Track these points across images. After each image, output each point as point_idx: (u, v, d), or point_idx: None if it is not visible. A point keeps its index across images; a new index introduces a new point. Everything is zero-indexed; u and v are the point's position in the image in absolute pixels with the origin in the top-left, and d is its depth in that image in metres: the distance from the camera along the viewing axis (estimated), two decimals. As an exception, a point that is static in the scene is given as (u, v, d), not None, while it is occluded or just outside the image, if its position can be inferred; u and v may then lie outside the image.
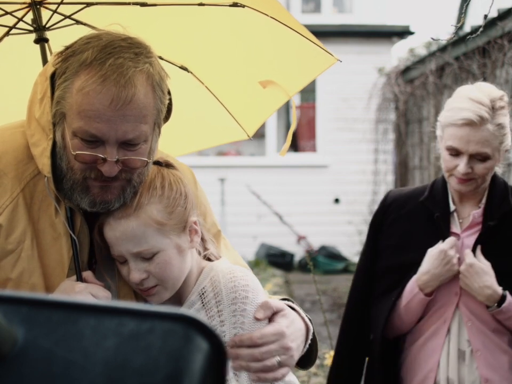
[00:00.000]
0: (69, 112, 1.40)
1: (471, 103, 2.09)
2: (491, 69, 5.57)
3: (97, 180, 1.44)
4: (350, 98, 9.99)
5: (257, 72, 2.12)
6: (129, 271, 1.51)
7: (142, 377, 0.47)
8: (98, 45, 1.39)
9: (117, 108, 1.36)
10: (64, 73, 1.40)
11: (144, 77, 1.40)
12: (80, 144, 1.40)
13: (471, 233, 2.25)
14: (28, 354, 0.48)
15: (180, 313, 0.50)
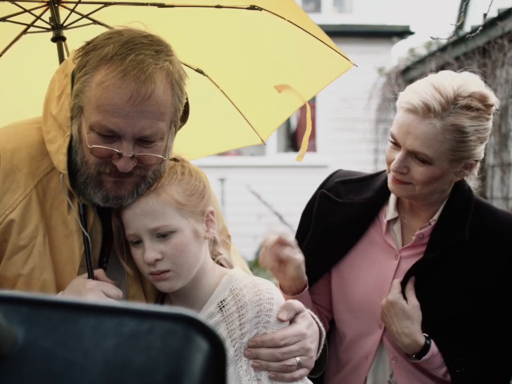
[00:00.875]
0: (87, 106, 1.40)
1: (428, 88, 1.66)
2: (491, 69, 5.57)
3: (111, 175, 1.44)
4: (350, 98, 9.99)
5: (273, 76, 2.11)
6: (143, 252, 1.50)
7: (142, 377, 0.47)
8: (120, 41, 1.39)
9: (135, 104, 1.37)
10: (84, 67, 1.41)
11: (164, 74, 1.40)
12: (96, 138, 1.40)
13: (412, 254, 1.80)
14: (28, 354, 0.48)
15: (180, 313, 0.50)
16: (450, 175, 1.71)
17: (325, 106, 10.23)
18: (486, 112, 1.69)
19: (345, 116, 10.10)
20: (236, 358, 1.53)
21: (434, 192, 1.74)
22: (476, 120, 1.66)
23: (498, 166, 5.54)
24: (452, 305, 1.74)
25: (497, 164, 5.54)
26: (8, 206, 1.46)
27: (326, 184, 1.94)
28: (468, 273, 1.74)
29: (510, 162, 5.51)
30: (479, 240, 1.74)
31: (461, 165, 1.70)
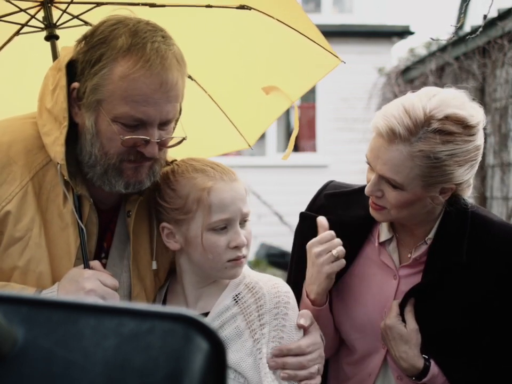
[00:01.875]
0: (109, 99, 1.43)
1: (397, 111, 1.56)
2: (491, 69, 5.57)
3: (133, 162, 1.48)
4: (350, 98, 9.99)
5: (260, 78, 2.09)
6: (229, 237, 1.56)
7: (142, 377, 0.47)
8: (129, 30, 1.43)
9: (165, 91, 1.42)
10: (100, 61, 1.43)
11: (177, 57, 1.47)
12: (121, 129, 1.44)
13: (411, 273, 1.75)
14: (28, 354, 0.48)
15: (180, 313, 0.50)
16: (426, 200, 1.63)
17: (325, 106, 10.23)
18: (465, 134, 1.57)
19: (345, 116, 10.10)
20: (255, 348, 1.56)
21: (415, 216, 1.68)
22: (450, 144, 1.55)
23: (498, 166, 5.55)
24: (452, 325, 1.70)
25: (497, 164, 5.54)
26: (5, 198, 1.47)
27: (317, 199, 1.90)
28: (468, 290, 1.69)
29: (510, 162, 5.51)
30: (477, 257, 1.69)
31: (437, 189, 1.61)
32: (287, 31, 1.91)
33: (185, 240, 1.59)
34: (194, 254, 1.59)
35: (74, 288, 1.43)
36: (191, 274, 1.63)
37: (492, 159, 5.70)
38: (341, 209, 1.80)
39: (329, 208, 1.81)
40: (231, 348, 1.55)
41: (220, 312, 1.59)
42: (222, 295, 1.61)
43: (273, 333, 1.57)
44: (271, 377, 1.54)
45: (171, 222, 1.59)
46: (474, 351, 1.70)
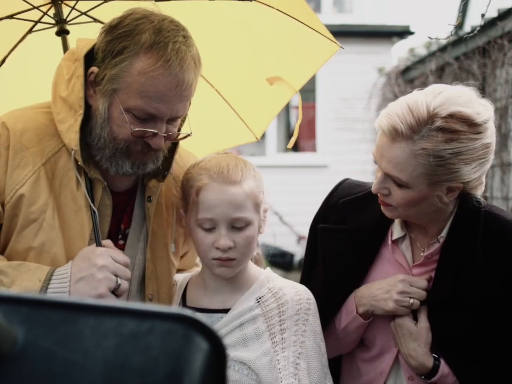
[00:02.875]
0: (125, 90, 1.50)
1: (401, 109, 1.56)
2: (491, 69, 5.57)
3: (140, 150, 1.55)
4: (350, 98, 9.99)
5: (263, 69, 2.10)
6: (216, 238, 1.60)
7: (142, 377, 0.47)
8: (153, 27, 1.49)
9: (179, 91, 1.50)
10: (121, 54, 1.49)
11: (195, 59, 1.54)
12: (131, 119, 1.51)
13: (424, 271, 1.75)
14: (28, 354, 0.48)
15: (180, 313, 0.50)
16: (432, 198, 1.61)
17: (325, 106, 10.23)
18: (471, 132, 1.55)
19: (345, 115, 10.10)
20: (272, 350, 1.61)
21: (423, 214, 1.66)
22: (454, 142, 1.53)
23: (498, 166, 5.55)
24: (464, 323, 1.68)
25: (497, 164, 5.54)
26: (19, 181, 1.53)
27: (331, 199, 1.90)
28: (481, 289, 1.67)
29: (510, 162, 5.51)
30: (491, 256, 1.66)
31: (443, 188, 1.59)
32: (286, 20, 1.93)
33: (188, 228, 1.68)
34: (193, 245, 1.69)
35: (87, 265, 1.47)
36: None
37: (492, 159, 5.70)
38: (357, 215, 1.81)
39: (346, 215, 1.83)
40: (249, 347, 1.60)
41: (242, 311, 1.64)
42: (245, 295, 1.67)
43: (294, 337, 1.62)
44: (290, 380, 1.59)
45: (183, 210, 1.69)
46: (485, 350, 1.68)
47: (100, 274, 1.45)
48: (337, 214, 1.85)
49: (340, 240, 1.81)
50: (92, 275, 1.46)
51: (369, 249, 1.78)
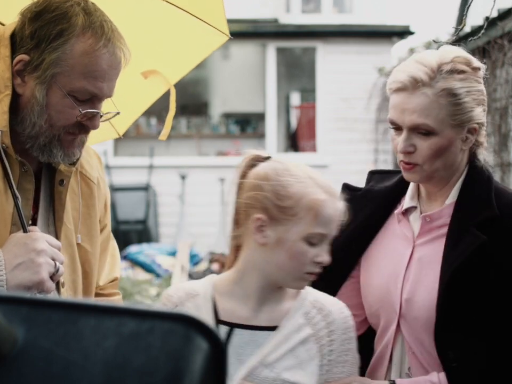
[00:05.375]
0: (68, 73, 1.50)
1: (411, 64, 1.67)
2: (491, 69, 5.57)
3: (72, 134, 1.54)
4: (350, 98, 9.98)
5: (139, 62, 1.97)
6: (320, 253, 1.58)
7: (142, 377, 0.47)
8: (82, 9, 1.52)
9: (117, 68, 1.53)
10: (60, 36, 1.49)
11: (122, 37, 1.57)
12: (71, 103, 1.50)
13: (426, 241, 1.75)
14: (28, 354, 0.48)
15: (180, 313, 0.50)
16: (457, 143, 1.67)
17: (325, 107, 10.23)
18: (474, 74, 1.68)
19: (345, 116, 10.10)
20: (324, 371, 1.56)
21: (448, 166, 1.69)
22: (465, 81, 1.66)
23: (498, 166, 5.55)
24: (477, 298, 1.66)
25: (497, 164, 5.54)
26: None
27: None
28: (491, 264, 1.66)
29: (510, 162, 5.51)
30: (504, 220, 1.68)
31: (465, 130, 1.67)
32: (169, 9, 1.83)
33: (277, 239, 1.55)
34: (278, 256, 1.55)
35: (24, 251, 1.43)
36: (262, 275, 1.59)
37: (492, 159, 5.70)
38: (375, 182, 1.88)
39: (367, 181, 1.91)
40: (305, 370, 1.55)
41: (292, 330, 1.58)
42: (292, 311, 1.60)
43: (340, 358, 1.59)
44: None
45: (268, 217, 1.55)
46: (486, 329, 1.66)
47: (40, 258, 1.41)
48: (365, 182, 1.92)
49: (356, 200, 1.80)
50: (31, 260, 1.41)
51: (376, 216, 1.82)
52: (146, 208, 9.46)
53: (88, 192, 1.72)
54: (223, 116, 11.43)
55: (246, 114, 11.40)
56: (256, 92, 11.09)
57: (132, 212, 9.33)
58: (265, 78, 10.35)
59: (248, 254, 1.60)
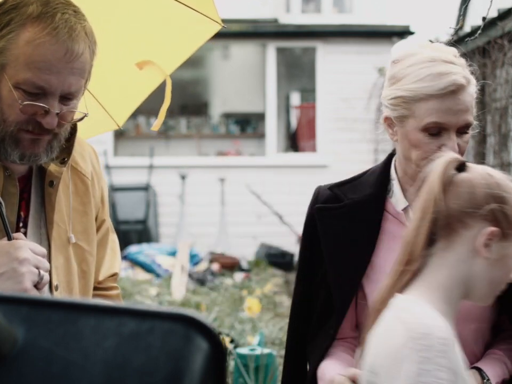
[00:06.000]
0: (13, 64, 1.43)
1: (447, 65, 1.63)
2: (491, 69, 5.57)
3: (31, 133, 1.47)
4: (350, 98, 9.99)
5: (133, 53, 1.95)
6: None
7: (142, 377, 0.47)
8: (40, 0, 1.45)
9: (68, 61, 1.43)
10: (8, 25, 1.44)
11: (87, 33, 1.48)
12: (22, 96, 1.43)
13: None
14: (28, 354, 0.48)
15: (180, 313, 0.50)
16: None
17: (325, 106, 10.24)
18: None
19: (345, 116, 10.10)
20: None
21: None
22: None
23: (498, 166, 5.54)
24: None
25: (497, 164, 5.54)
26: None
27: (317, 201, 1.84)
28: None
29: (510, 162, 5.51)
30: None
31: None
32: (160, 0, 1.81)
33: (502, 255, 1.45)
34: (496, 272, 1.45)
35: (6, 260, 1.40)
36: (465, 289, 1.46)
37: (492, 159, 5.70)
38: (351, 193, 1.80)
39: (340, 196, 1.80)
40: None
41: None
42: None
43: None
44: None
45: (501, 231, 1.44)
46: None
47: (22, 268, 1.39)
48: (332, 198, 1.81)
49: (340, 216, 1.76)
50: (14, 269, 1.38)
51: (371, 223, 1.75)
52: (146, 208, 9.46)
53: (83, 189, 1.69)
54: (223, 116, 11.43)
55: (246, 114, 11.41)
56: (256, 92, 11.09)
57: (132, 212, 9.33)
58: (265, 78, 10.35)
59: (455, 267, 1.46)
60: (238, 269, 9.00)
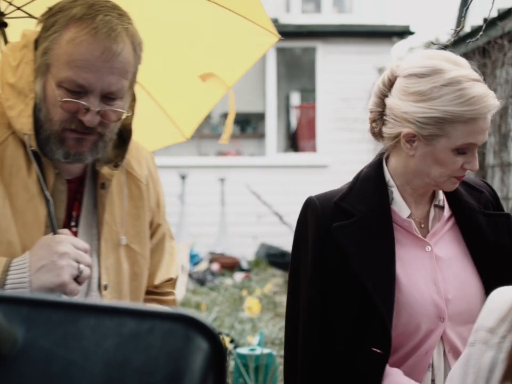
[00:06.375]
0: (56, 63, 1.47)
1: (480, 85, 1.64)
2: (491, 69, 5.57)
3: (74, 132, 1.50)
4: (350, 98, 9.99)
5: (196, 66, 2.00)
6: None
7: (142, 377, 0.47)
8: (86, 3, 1.49)
9: (106, 59, 1.46)
10: (53, 26, 1.49)
11: (130, 35, 1.51)
12: (64, 94, 1.47)
13: (439, 238, 1.78)
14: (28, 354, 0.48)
15: (180, 313, 0.50)
16: None
17: (324, 107, 10.24)
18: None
19: (345, 116, 10.10)
20: None
21: None
22: None
23: (498, 166, 5.55)
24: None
25: (497, 164, 5.54)
26: None
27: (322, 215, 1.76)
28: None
29: (510, 162, 5.51)
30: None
31: None
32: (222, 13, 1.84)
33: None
34: None
35: (47, 253, 1.44)
36: None
37: (492, 159, 5.70)
38: (357, 205, 1.75)
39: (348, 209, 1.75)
40: None
41: None
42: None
43: None
44: None
45: None
46: None
47: (61, 261, 1.42)
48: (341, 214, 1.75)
49: (358, 231, 1.72)
50: (53, 262, 1.42)
51: (386, 233, 1.72)
52: (146, 208, 9.45)
53: (137, 193, 1.72)
54: (223, 115, 11.44)
55: (246, 114, 11.41)
56: (256, 92, 11.09)
57: (132, 212, 9.32)
58: (265, 78, 10.35)
59: None
60: (238, 269, 9.00)
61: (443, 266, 1.73)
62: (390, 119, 1.70)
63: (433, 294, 1.71)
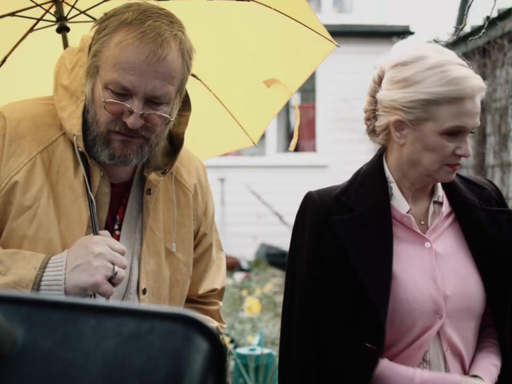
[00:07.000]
0: (104, 65, 1.50)
1: (465, 68, 1.64)
2: (491, 69, 5.57)
3: (119, 134, 1.52)
4: (350, 98, 9.99)
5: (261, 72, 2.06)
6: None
7: (142, 377, 0.47)
8: (139, 9, 1.52)
9: (151, 63, 1.47)
10: (104, 29, 1.52)
11: (178, 41, 1.52)
12: (110, 96, 1.50)
13: (438, 235, 1.77)
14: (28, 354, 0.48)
15: (180, 313, 0.50)
16: None
17: (325, 106, 10.23)
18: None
19: (345, 116, 10.10)
20: None
21: None
22: None
23: (498, 166, 5.55)
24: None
25: (497, 164, 5.54)
26: (14, 169, 1.53)
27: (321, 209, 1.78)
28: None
29: (510, 162, 5.51)
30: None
31: None
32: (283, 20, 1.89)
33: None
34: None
35: (84, 253, 1.46)
36: None
37: (492, 159, 5.71)
38: (358, 200, 1.76)
39: (349, 204, 1.75)
40: None
41: None
42: None
43: None
44: None
45: None
46: None
47: (96, 261, 1.44)
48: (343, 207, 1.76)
49: (358, 225, 1.72)
50: (89, 262, 1.44)
51: (385, 228, 1.72)
52: (146, 208, 9.46)
53: (184, 201, 1.74)
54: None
55: (246, 114, 11.40)
56: (256, 92, 11.09)
57: (132, 211, 9.33)
58: (265, 78, 10.35)
59: None
60: (238, 269, 9.00)
61: (442, 263, 1.73)
62: (381, 112, 1.71)
63: (431, 290, 1.70)
